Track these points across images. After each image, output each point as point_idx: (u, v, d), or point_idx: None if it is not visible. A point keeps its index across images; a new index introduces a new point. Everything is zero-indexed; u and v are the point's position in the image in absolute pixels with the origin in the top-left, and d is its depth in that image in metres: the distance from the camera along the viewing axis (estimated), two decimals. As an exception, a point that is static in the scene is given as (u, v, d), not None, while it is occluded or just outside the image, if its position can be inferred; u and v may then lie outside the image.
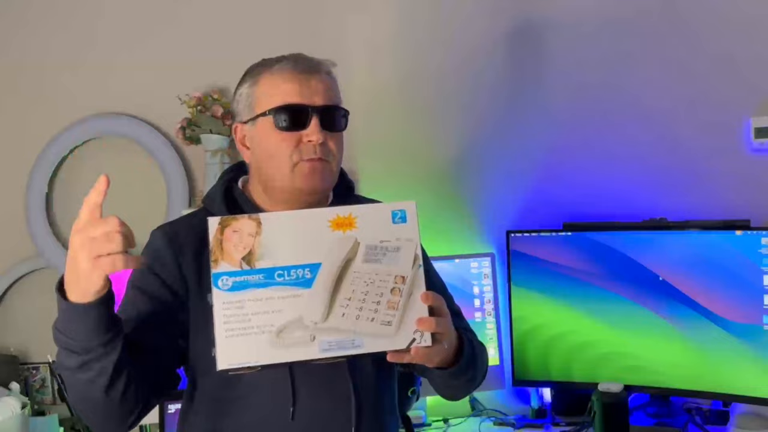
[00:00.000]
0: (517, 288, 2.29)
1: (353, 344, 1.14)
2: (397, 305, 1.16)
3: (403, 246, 1.19)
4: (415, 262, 1.18)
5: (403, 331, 1.15)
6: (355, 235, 1.18)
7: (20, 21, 2.54)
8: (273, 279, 1.14)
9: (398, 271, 1.17)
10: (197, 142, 2.43)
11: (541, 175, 2.39)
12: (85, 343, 1.19)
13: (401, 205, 1.22)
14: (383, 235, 1.19)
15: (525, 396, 2.38)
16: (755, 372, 2.04)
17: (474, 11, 2.41)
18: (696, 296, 2.11)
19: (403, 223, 1.21)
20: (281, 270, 1.15)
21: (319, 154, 1.32)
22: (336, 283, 1.16)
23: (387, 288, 1.16)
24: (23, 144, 2.54)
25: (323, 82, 1.35)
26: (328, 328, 1.14)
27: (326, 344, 1.13)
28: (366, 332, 1.14)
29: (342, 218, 1.19)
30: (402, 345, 1.15)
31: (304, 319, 1.13)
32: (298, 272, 1.15)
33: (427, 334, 1.16)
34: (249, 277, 1.14)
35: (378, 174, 2.45)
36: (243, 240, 1.16)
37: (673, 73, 2.31)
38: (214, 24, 2.49)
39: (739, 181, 2.27)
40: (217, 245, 1.15)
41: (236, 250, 1.15)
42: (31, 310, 2.57)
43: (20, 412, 2.11)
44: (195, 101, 2.39)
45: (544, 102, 2.39)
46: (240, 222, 1.16)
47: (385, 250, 1.18)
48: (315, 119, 1.32)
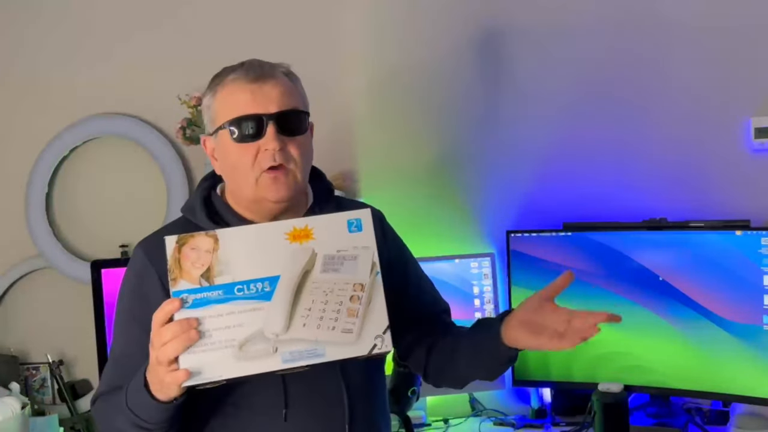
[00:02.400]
0: (517, 288, 2.29)
1: (315, 353, 1.15)
2: (357, 312, 1.17)
3: (360, 254, 1.20)
4: (373, 269, 1.20)
5: (364, 337, 1.17)
6: (313, 245, 1.19)
7: (20, 21, 2.54)
8: (233, 294, 1.16)
9: (356, 279, 1.19)
10: (197, 142, 2.42)
11: (541, 175, 2.39)
12: (155, 426, 1.23)
13: (356, 214, 1.23)
14: (340, 245, 1.20)
15: (525, 396, 2.38)
16: (755, 372, 2.04)
17: (474, 9, 2.41)
18: (696, 296, 2.11)
19: (359, 232, 1.22)
20: (240, 284, 1.16)
21: (278, 160, 1.30)
22: (296, 294, 1.17)
23: (346, 296, 1.18)
24: (23, 144, 2.54)
25: (277, 88, 1.33)
26: (289, 339, 1.15)
27: (288, 355, 1.14)
28: (327, 341, 1.16)
29: (299, 230, 1.20)
30: (364, 351, 1.17)
31: (265, 331, 1.15)
32: (257, 285, 1.16)
33: (388, 338, 1.17)
34: (208, 293, 1.15)
35: (378, 174, 2.45)
36: (201, 257, 1.17)
37: (673, 72, 2.31)
38: (214, 24, 2.49)
39: (739, 181, 2.27)
40: (175, 264, 1.16)
41: (194, 267, 1.16)
42: (31, 310, 2.57)
43: (20, 412, 2.11)
44: (195, 101, 2.39)
45: (544, 102, 2.38)
46: (197, 239, 1.17)
47: (342, 259, 1.20)
48: (271, 126, 1.30)
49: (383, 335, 1.17)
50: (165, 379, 1.15)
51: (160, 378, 1.16)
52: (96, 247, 2.54)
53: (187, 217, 1.41)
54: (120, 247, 2.48)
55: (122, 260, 2.39)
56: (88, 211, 2.57)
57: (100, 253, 2.49)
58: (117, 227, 2.51)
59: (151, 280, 1.33)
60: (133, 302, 1.35)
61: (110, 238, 2.50)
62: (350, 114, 2.43)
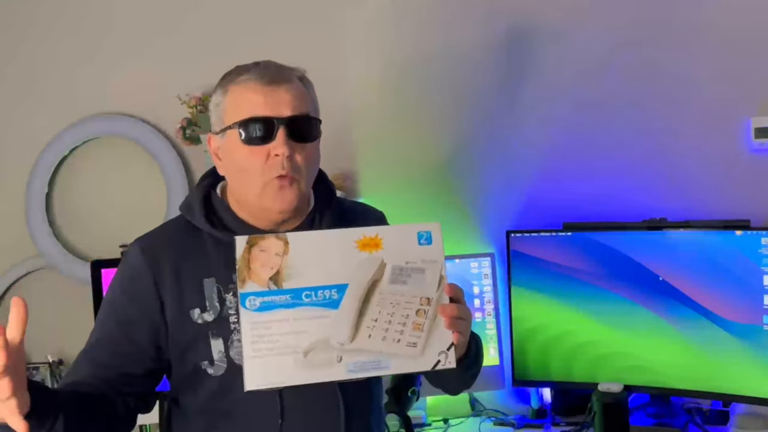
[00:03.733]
0: (517, 288, 2.29)
1: (379, 365, 1.15)
2: (423, 327, 1.17)
3: (428, 267, 1.20)
4: (440, 283, 1.19)
5: (429, 352, 1.16)
6: (382, 256, 1.19)
7: (20, 22, 2.55)
8: (300, 299, 1.15)
9: (423, 293, 1.18)
10: (197, 142, 2.43)
11: (541, 175, 2.39)
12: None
13: (427, 227, 1.22)
14: (409, 257, 1.20)
15: (525, 396, 2.38)
16: (755, 372, 2.04)
17: (473, 11, 2.41)
18: (696, 296, 2.11)
19: (428, 245, 1.21)
20: (308, 291, 1.16)
21: (286, 169, 1.29)
22: (362, 304, 1.16)
23: (413, 309, 1.17)
24: (23, 144, 2.54)
25: (291, 92, 1.31)
26: (354, 349, 1.14)
27: (352, 365, 1.14)
28: (392, 353, 1.15)
29: (368, 239, 1.19)
30: (427, 367, 1.16)
31: (330, 340, 1.14)
32: (325, 293, 1.16)
33: (452, 355, 1.17)
34: (276, 297, 1.15)
35: (378, 175, 2.45)
36: (270, 260, 1.16)
37: (673, 72, 2.31)
38: (213, 24, 2.49)
39: (739, 181, 2.27)
40: (244, 264, 1.15)
41: (263, 269, 1.15)
42: (30, 310, 2.55)
43: (20, 412, 2.11)
44: (195, 101, 2.40)
45: (544, 103, 2.38)
46: (267, 241, 1.17)
47: (410, 272, 1.19)
48: (282, 131, 1.29)
49: (447, 351, 1.17)
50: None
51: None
52: (96, 247, 2.54)
53: (186, 216, 1.39)
54: (120, 247, 2.47)
55: (122, 260, 2.40)
56: (88, 211, 2.57)
57: (100, 253, 2.49)
58: (117, 227, 2.50)
59: (143, 283, 1.32)
60: (121, 298, 1.34)
61: (110, 238, 2.50)
62: (350, 114, 2.43)
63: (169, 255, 1.34)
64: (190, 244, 1.36)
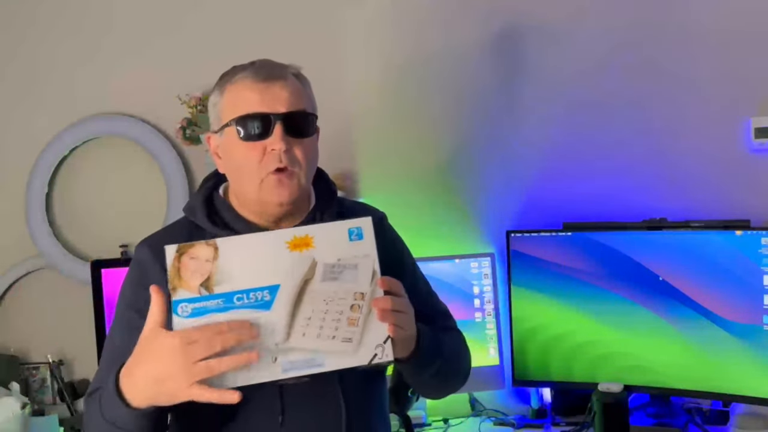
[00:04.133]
0: (517, 288, 2.29)
1: (314, 363, 1.14)
2: (357, 321, 1.16)
3: (360, 263, 1.19)
4: (374, 277, 1.18)
5: (365, 346, 1.15)
6: (313, 254, 1.18)
7: (20, 21, 2.55)
8: (232, 303, 1.14)
9: (357, 288, 1.17)
10: (197, 142, 2.43)
11: (541, 175, 2.39)
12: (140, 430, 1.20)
13: (357, 222, 1.21)
14: (340, 253, 1.19)
15: (525, 396, 2.38)
16: (755, 372, 2.04)
17: (473, 10, 2.41)
18: (696, 296, 2.11)
19: (359, 240, 1.20)
20: (240, 293, 1.15)
21: (284, 162, 1.30)
22: (295, 304, 1.16)
23: (347, 305, 1.16)
24: (23, 144, 2.54)
25: (286, 88, 1.32)
26: (289, 348, 1.14)
27: (288, 364, 1.13)
28: (327, 350, 1.14)
29: (299, 238, 1.18)
30: (364, 361, 1.15)
31: (264, 340, 1.13)
32: (257, 295, 1.15)
33: (389, 348, 1.16)
34: (208, 302, 1.14)
35: (378, 175, 2.45)
36: (201, 266, 1.15)
37: (673, 72, 2.31)
38: (213, 24, 2.49)
39: (739, 181, 2.27)
40: (174, 273, 1.15)
41: (194, 276, 1.15)
42: (31, 310, 2.58)
43: (20, 412, 2.11)
44: (195, 101, 2.40)
45: (544, 102, 2.38)
46: (196, 248, 1.16)
47: (342, 268, 1.18)
48: (278, 127, 1.30)
49: (384, 344, 1.16)
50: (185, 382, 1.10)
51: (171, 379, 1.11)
52: (96, 247, 2.54)
53: (189, 218, 1.40)
54: (120, 247, 2.48)
55: (122, 260, 2.40)
56: (88, 211, 2.57)
57: (100, 253, 2.49)
58: (117, 227, 2.51)
59: (154, 273, 1.32)
60: (137, 294, 1.33)
61: (110, 238, 2.50)
62: (350, 114, 2.43)
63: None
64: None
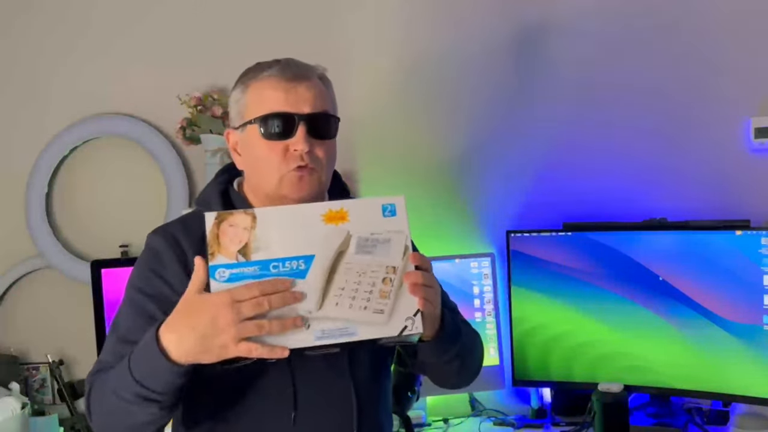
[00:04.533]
0: (517, 288, 2.29)
1: (347, 332, 1.17)
2: (389, 294, 1.19)
3: (393, 238, 1.22)
4: (405, 252, 1.21)
5: (395, 318, 1.18)
6: (347, 227, 1.21)
7: (21, 22, 2.55)
8: (268, 270, 1.17)
9: (389, 262, 1.20)
10: (197, 142, 2.43)
11: (541, 175, 2.39)
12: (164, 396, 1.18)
13: (391, 199, 1.24)
14: (374, 228, 1.22)
15: (525, 396, 2.38)
16: (755, 372, 2.04)
17: (474, 11, 2.41)
18: (696, 296, 2.11)
19: (392, 217, 1.23)
20: (276, 262, 1.17)
21: (306, 161, 1.31)
22: (329, 274, 1.18)
23: (378, 278, 1.19)
24: (23, 144, 2.54)
25: (311, 90, 1.33)
26: (322, 316, 1.16)
27: (320, 332, 1.16)
28: (359, 320, 1.17)
29: (334, 212, 1.21)
30: (394, 332, 1.18)
31: (298, 308, 1.16)
32: (292, 264, 1.18)
33: (419, 321, 1.19)
34: (245, 269, 1.17)
35: (378, 174, 2.45)
36: (239, 234, 1.18)
37: (673, 73, 2.31)
38: (214, 24, 2.49)
39: (739, 181, 2.27)
40: (213, 239, 1.17)
41: (232, 243, 1.17)
42: (31, 310, 2.57)
43: (20, 412, 2.11)
44: (195, 101, 2.39)
45: (543, 102, 2.38)
46: (236, 216, 1.19)
47: (375, 242, 1.21)
48: (302, 127, 1.31)
49: (414, 317, 1.19)
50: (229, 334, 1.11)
51: (220, 335, 1.12)
52: (96, 247, 2.54)
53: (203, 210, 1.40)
54: (120, 247, 2.48)
55: (122, 260, 2.40)
56: (88, 211, 2.57)
57: (100, 253, 2.49)
58: (117, 227, 2.51)
59: (167, 261, 1.31)
60: (148, 279, 1.32)
61: (110, 238, 2.50)
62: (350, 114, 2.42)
63: (188, 240, 1.34)
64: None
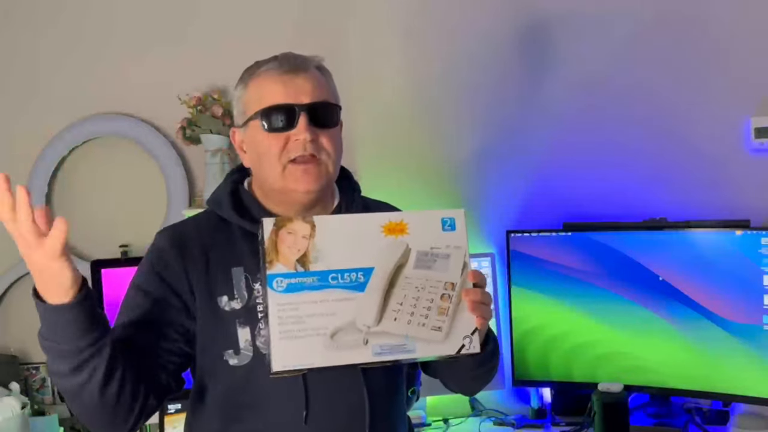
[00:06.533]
0: (517, 288, 2.29)
1: (405, 349, 1.15)
2: (447, 311, 1.17)
3: (452, 253, 1.20)
4: (464, 269, 1.20)
5: (453, 336, 1.17)
6: (407, 240, 1.19)
7: (20, 22, 2.54)
8: (327, 282, 1.15)
9: (448, 278, 1.19)
10: (197, 142, 2.43)
11: (541, 175, 2.39)
12: (73, 345, 1.17)
13: (451, 213, 1.23)
14: (433, 242, 1.20)
15: (525, 396, 2.38)
16: (755, 372, 2.04)
17: (476, 12, 2.41)
18: (696, 296, 2.11)
19: (452, 231, 1.22)
20: (335, 273, 1.16)
21: (309, 150, 1.31)
22: (388, 288, 1.17)
23: (437, 294, 1.18)
24: (23, 144, 2.54)
25: (310, 80, 1.34)
26: (380, 332, 1.15)
27: (379, 348, 1.14)
28: (417, 337, 1.16)
29: (394, 224, 1.19)
30: (452, 351, 1.17)
31: (357, 322, 1.14)
32: (351, 276, 1.16)
33: (476, 340, 1.18)
34: (304, 279, 1.15)
35: (378, 174, 2.44)
36: (297, 242, 1.16)
37: (673, 73, 2.31)
38: (213, 24, 2.49)
39: (739, 181, 2.27)
40: (271, 246, 1.15)
41: (291, 251, 1.15)
42: (31, 310, 2.52)
43: (20, 412, 2.11)
44: (195, 101, 2.39)
45: (544, 102, 2.39)
46: (294, 224, 1.17)
47: (435, 257, 1.20)
48: (303, 117, 1.31)
49: (471, 336, 1.18)
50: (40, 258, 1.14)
51: (39, 267, 1.15)
52: (96, 247, 2.53)
53: (214, 210, 1.40)
54: (120, 247, 2.47)
55: (122, 260, 2.40)
56: (88, 211, 2.57)
57: (100, 253, 2.49)
58: (117, 227, 2.51)
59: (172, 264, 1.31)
60: (148, 277, 1.32)
61: (110, 238, 2.50)
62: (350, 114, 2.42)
63: (197, 242, 1.34)
64: (219, 236, 1.36)
